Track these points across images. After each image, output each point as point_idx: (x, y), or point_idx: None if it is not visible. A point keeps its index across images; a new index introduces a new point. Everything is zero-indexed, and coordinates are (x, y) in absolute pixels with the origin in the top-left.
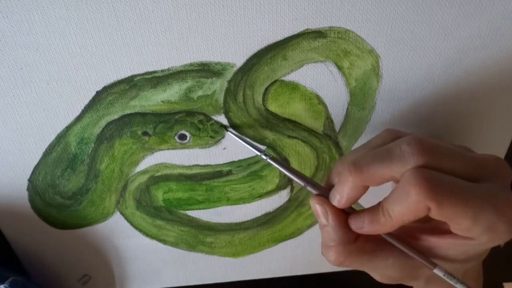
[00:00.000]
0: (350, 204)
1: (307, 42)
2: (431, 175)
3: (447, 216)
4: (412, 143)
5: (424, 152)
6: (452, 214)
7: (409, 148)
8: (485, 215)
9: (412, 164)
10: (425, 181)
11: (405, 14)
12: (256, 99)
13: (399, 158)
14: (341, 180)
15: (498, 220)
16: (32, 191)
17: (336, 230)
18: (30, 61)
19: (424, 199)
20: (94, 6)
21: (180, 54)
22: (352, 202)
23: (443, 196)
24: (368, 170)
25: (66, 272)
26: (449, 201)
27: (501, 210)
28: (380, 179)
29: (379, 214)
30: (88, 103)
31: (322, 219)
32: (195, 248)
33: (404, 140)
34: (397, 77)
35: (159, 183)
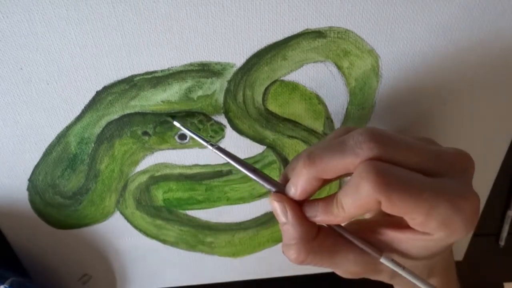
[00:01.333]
0: (305, 197)
1: (307, 42)
2: (382, 167)
3: (399, 210)
4: (365, 134)
5: (377, 143)
6: (404, 209)
7: (362, 138)
8: (439, 211)
9: (365, 155)
10: (376, 174)
11: (405, 14)
12: (256, 99)
13: (351, 149)
14: (295, 172)
15: (454, 216)
16: (32, 191)
17: (296, 227)
18: (30, 61)
19: (374, 193)
20: (94, 6)
21: (180, 54)
22: (307, 195)
23: (394, 190)
24: (321, 161)
25: (66, 271)
26: (399, 195)
27: (457, 206)
28: (334, 171)
29: (333, 204)
30: (88, 103)
31: (281, 217)
32: (195, 248)
33: (358, 131)
34: (397, 77)
35: (159, 182)
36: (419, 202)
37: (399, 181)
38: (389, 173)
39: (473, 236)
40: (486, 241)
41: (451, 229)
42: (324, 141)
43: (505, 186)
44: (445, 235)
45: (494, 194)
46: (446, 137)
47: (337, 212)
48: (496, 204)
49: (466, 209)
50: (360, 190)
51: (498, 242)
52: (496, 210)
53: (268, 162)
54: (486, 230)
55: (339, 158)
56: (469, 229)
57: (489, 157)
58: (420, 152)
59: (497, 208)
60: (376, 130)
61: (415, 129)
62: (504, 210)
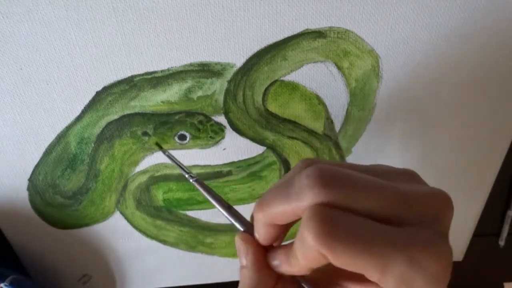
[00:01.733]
0: (269, 243)
1: (307, 42)
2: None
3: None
4: (312, 175)
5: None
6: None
7: (306, 181)
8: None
9: (309, 200)
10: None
11: (405, 14)
12: (256, 99)
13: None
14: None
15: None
16: (32, 191)
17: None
18: (30, 61)
19: (316, 245)
20: (94, 7)
21: (180, 54)
22: (270, 241)
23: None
24: (269, 207)
25: (66, 271)
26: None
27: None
28: (283, 216)
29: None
30: (88, 103)
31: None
32: (195, 248)
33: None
34: (397, 77)
35: (159, 183)
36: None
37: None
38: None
39: (473, 236)
40: (486, 241)
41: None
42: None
43: (505, 186)
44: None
45: (494, 194)
46: (446, 137)
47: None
48: (496, 204)
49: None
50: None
51: (498, 242)
52: (496, 210)
53: (268, 163)
54: (486, 230)
55: (286, 205)
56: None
57: (489, 157)
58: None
59: (497, 208)
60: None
61: (415, 130)
62: (504, 210)
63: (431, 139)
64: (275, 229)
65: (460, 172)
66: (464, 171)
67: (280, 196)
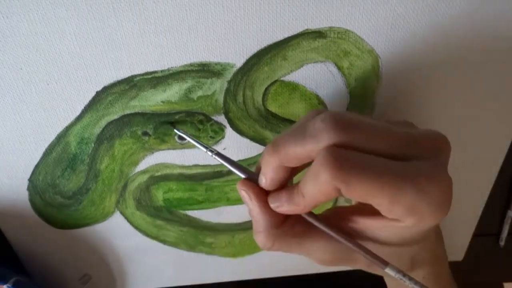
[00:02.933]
0: (275, 186)
1: (307, 42)
2: (341, 153)
3: (360, 196)
4: (326, 119)
5: (338, 128)
6: (365, 194)
7: (322, 125)
8: (403, 196)
9: (325, 142)
10: (333, 160)
11: (405, 14)
12: (256, 100)
13: (312, 135)
14: (263, 161)
15: (420, 201)
16: (32, 191)
17: (261, 213)
18: (30, 61)
19: (332, 179)
20: (94, 6)
21: (180, 54)
22: (276, 184)
23: (352, 175)
24: (284, 149)
25: (67, 271)
26: (358, 180)
27: (423, 190)
28: (296, 158)
29: (294, 193)
30: (88, 103)
31: (248, 204)
32: (195, 248)
33: (320, 117)
34: (397, 77)
35: (159, 183)
36: (381, 187)
37: (358, 166)
38: (348, 158)
39: (473, 236)
40: (486, 241)
41: (418, 215)
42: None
43: (505, 186)
44: (414, 222)
45: (494, 194)
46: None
47: (298, 200)
48: (496, 204)
49: (433, 192)
50: (318, 178)
51: (498, 242)
52: (496, 210)
53: None
54: (486, 230)
55: (301, 146)
56: (439, 214)
57: (489, 157)
58: (386, 136)
59: (497, 208)
60: (338, 115)
61: None
62: (504, 210)
63: None
64: (284, 172)
65: (460, 172)
66: (464, 171)
67: (295, 139)
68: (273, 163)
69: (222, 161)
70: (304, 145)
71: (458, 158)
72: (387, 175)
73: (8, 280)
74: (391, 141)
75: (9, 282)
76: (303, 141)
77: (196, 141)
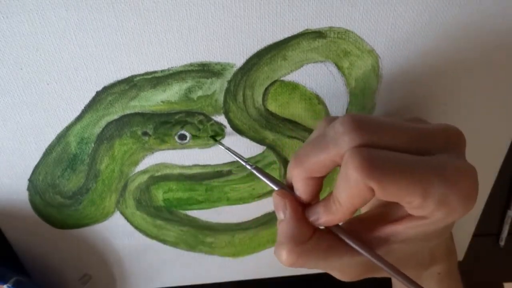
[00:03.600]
0: (310, 198)
1: (307, 42)
2: (368, 153)
3: (393, 195)
4: (346, 123)
5: (358, 130)
6: (398, 192)
7: (342, 128)
8: (434, 189)
9: (348, 144)
10: (363, 161)
11: (405, 14)
12: (256, 99)
13: (334, 141)
14: (289, 176)
15: (449, 191)
16: (32, 191)
17: (291, 226)
18: (30, 62)
19: (364, 180)
20: (94, 7)
21: (180, 54)
22: (311, 196)
23: (384, 174)
24: (308, 160)
25: (67, 271)
26: (391, 178)
27: (450, 181)
28: (322, 167)
29: (331, 202)
30: (88, 103)
31: (280, 213)
32: (195, 248)
33: (337, 121)
34: (397, 77)
35: (159, 183)
36: (413, 182)
37: (388, 163)
38: (375, 157)
39: (473, 236)
40: (486, 241)
41: (448, 207)
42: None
43: (505, 186)
44: (444, 215)
45: (494, 194)
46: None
47: (336, 208)
48: (496, 204)
49: (461, 183)
50: (349, 180)
51: (498, 242)
52: (496, 210)
53: (268, 163)
54: (486, 230)
55: (325, 154)
56: (468, 205)
57: (489, 157)
58: (406, 133)
59: (497, 208)
60: (357, 117)
61: None
62: (504, 210)
63: None
64: (314, 182)
65: None
66: None
67: (317, 148)
68: (299, 176)
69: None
70: (328, 151)
71: None
72: (417, 170)
73: (8, 280)
74: (411, 137)
75: (9, 282)
76: (326, 148)
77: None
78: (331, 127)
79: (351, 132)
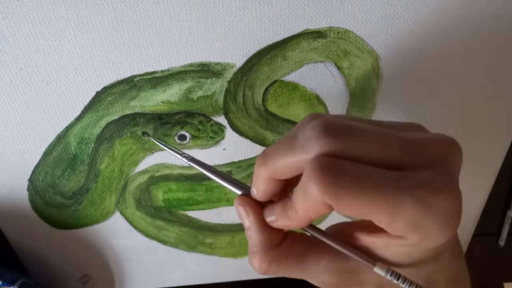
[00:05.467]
0: (267, 199)
1: (307, 42)
2: (331, 164)
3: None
4: (316, 127)
5: (328, 136)
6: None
7: (312, 133)
8: (404, 210)
9: (314, 151)
10: (323, 173)
11: (405, 14)
12: (256, 100)
13: (301, 145)
14: (254, 173)
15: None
16: (32, 191)
17: (258, 233)
18: (30, 62)
19: (321, 195)
20: (93, 7)
21: (180, 55)
22: (268, 196)
23: (344, 191)
24: (273, 160)
25: (67, 271)
26: (350, 195)
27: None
28: (287, 170)
29: (288, 207)
30: (88, 104)
31: (245, 221)
32: (195, 248)
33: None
34: (397, 77)
35: (159, 183)
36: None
37: (350, 178)
38: (338, 170)
39: (473, 236)
40: (486, 241)
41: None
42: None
43: (505, 186)
44: (419, 239)
45: (494, 194)
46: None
47: (292, 215)
48: (496, 204)
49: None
50: (306, 192)
51: (498, 242)
52: (496, 210)
53: None
54: (486, 230)
55: (290, 157)
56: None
57: (489, 157)
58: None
59: (497, 208)
60: (330, 121)
61: None
62: (504, 210)
63: None
64: (275, 184)
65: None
66: (464, 171)
67: (284, 148)
68: (263, 175)
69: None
70: (294, 155)
71: None
72: (384, 187)
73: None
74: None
75: (16, 284)
76: (292, 151)
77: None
78: (302, 129)
79: (319, 138)
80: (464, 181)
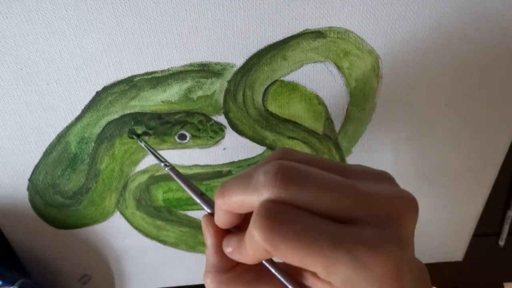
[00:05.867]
0: (226, 227)
1: (307, 42)
2: (276, 213)
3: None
4: (271, 171)
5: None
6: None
7: (263, 178)
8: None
9: (263, 196)
10: (266, 220)
11: (405, 14)
12: (256, 100)
13: (254, 187)
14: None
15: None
16: (32, 191)
17: (213, 254)
18: (30, 62)
19: (261, 241)
20: (93, 7)
21: (180, 55)
22: (228, 225)
23: (281, 240)
24: (229, 194)
25: (67, 271)
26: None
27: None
28: (240, 206)
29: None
30: (88, 103)
31: (206, 240)
32: (195, 248)
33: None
34: (397, 77)
35: (159, 182)
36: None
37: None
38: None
39: (473, 236)
40: (486, 241)
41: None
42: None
43: (505, 186)
44: None
45: (494, 194)
46: (446, 137)
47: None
48: (496, 204)
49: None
50: (251, 236)
51: (498, 242)
52: (496, 210)
53: None
54: (486, 230)
55: (242, 195)
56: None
57: (489, 157)
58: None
59: (497, 208)
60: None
61: (415, 130)
62: (504, 210)
63: (431, 139)
64: (233, 217)
65: (460, 172)
66: (464, 171)
67: (239, 187)
68: (221, 207)
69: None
70: (246, 195)
71: (458, 158)
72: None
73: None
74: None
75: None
76: (244, 191)
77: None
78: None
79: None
80: (465, 181)
